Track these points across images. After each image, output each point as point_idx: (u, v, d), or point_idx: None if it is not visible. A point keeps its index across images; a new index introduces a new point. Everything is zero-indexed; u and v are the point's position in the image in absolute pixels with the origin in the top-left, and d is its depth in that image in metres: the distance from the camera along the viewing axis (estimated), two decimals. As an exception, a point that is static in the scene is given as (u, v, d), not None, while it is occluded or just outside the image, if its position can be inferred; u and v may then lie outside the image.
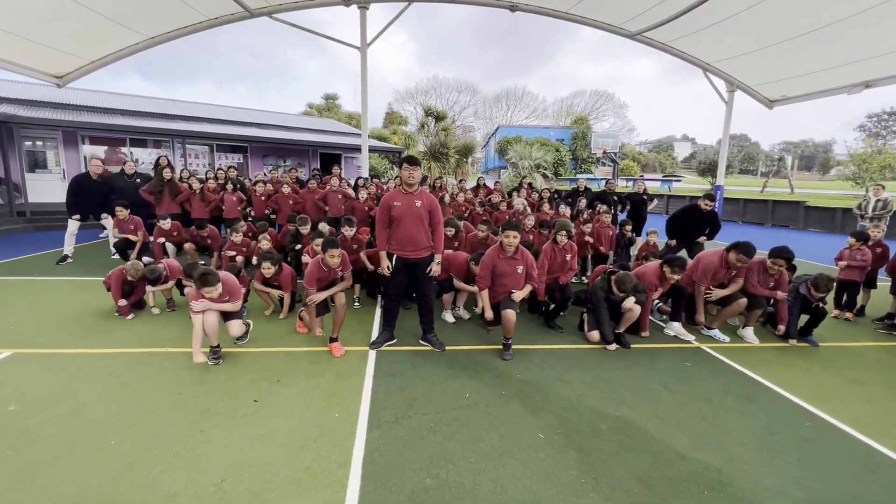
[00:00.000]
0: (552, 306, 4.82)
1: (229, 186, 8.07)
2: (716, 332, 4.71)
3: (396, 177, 10.87)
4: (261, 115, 18.70)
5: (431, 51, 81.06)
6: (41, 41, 11.19)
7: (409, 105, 46.45)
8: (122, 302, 4.50)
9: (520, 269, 4.11)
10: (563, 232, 4.62)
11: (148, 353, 3.80)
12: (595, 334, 4.35)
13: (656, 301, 5.30)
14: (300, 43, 73.12)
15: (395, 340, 4.24)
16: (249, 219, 8.17)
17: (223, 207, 7.88)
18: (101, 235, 9.67)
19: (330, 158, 18.65)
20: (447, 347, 4.14)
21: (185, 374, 3.47)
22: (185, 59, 66.88)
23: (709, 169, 33.01)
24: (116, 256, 6.82)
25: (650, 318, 5.16)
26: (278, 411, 2.98)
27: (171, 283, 4.76)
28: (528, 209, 8.76)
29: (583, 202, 8.97)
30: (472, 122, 55.73)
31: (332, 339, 3.97)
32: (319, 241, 4.46)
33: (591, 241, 6.63)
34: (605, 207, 8.42)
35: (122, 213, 6.41)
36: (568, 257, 4.73)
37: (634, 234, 8.72)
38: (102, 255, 7.78)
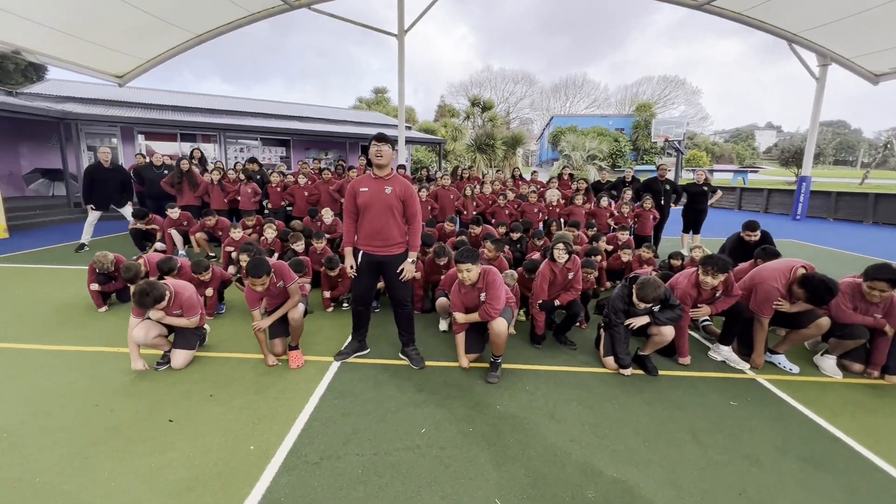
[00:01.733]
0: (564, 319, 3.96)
1: (243, 178, 7.92)
2: (781, 360, 3.62)
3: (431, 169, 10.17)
4: (304, 108, 18.95)
5: (492, 42, 79.12)
6: (99, 42, 11.80)
7: (462, 98, 45.80)
8: (94, 286, 4.30)
9: (482, 295, 3.29)
10: (561, 246, 3.69)
11: (99, 353, 3.51)
12: (610, 360, 3.46)
13: (705, 319, 4.25)
14: (362, 41, 74.64)
15: (367, 351, 3.65)
16: (266, 210, 8.02)
17: (239, 199, 7.77)
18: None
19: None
20: (429, 363, 3.48)
21: (117, 379, 3.10)
22: (260, 62, 71.16)
23: (793, 158, 29.00)
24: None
25: (693, 335, 4.17)
26: (187, 437, 2.49)
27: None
28: (563, 202, 7.82)
29: (628, 193, 7.83)
30: (529, 114, 54.00)
31: (292, 347, 3.45)
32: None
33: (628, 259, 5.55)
34: (650, 201, 7.29)
35: (172, 212, 6.56)
36: (570, 275, 3.79)
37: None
38: (123, 244, 7.95)
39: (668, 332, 3.33)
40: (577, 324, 3.98)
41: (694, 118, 55.84)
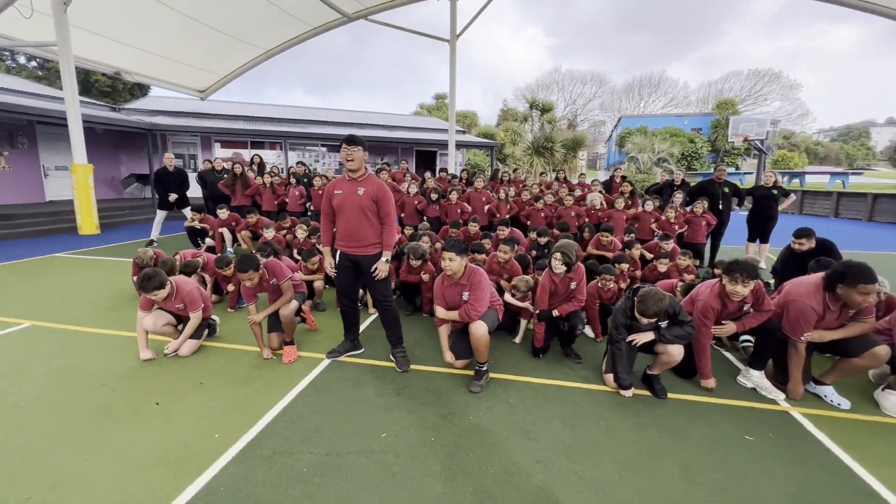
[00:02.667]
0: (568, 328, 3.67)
1: (293, 181, 8.40)
2: (828, 392, 3.05)
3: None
4: (362, 115, 19.75)
5: (565, 43, 76.40)
6: (184, 61, 13.23)
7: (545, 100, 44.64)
8: (136, 278, 4.78)
9: (465, 295, 3.11)
10: (558, 256, 3.39)
11: (126, 338, 3.85)
12: (610, 377, 3.14)
13: (745, 340, 3.73)
14: (435, 48, 76.20)
15: (360, 351, 3.66)
16: (309, 213, 8.43)
17: (287, 201, 8.25)
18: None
19: (427, 155, 18.84)
20: (418, 367, 3.41)
21: (130, 363, 3.39)
22: (339, 73, 75.41)
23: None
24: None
25: (728, 356, 3.68)
26: (165, 420, 2.65)
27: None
28: (605, 205, 7.34)
29: (678, 197, 7.15)
30: (599, 115, 51.72)
31: (287, 343, 3.56)
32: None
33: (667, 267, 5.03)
34: (701, 205, 6.59)
35: (221, 212, 7.17)
36: (573, 285, 3.48)
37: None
38: (185, 241, 8.76)
39: (675, 351, 2.94)
40: (585, 335, 3.64)
41: (791, 115, 50.03)
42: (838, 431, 2.68)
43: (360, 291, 3.77)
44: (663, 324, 2.99)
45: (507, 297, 3.89)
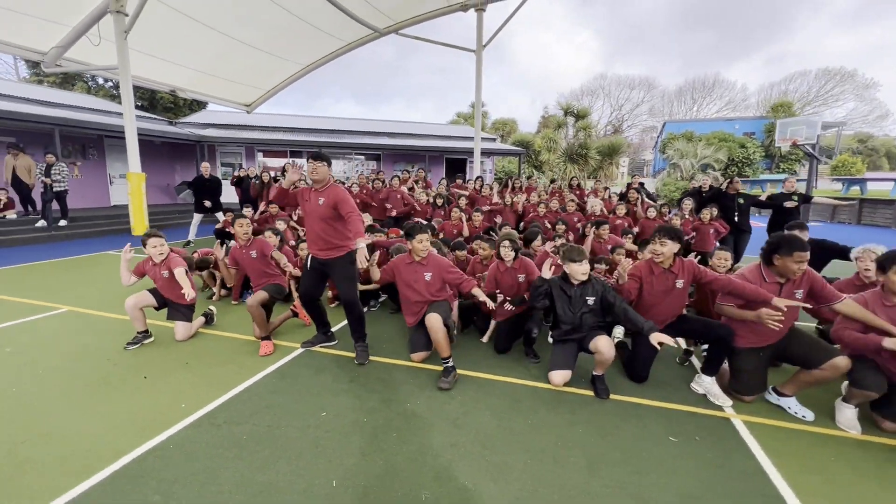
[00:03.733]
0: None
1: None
2: (791, 403, 2.97)
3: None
4: (394, 125, 20.43)
5: (616, 46, 73.91)
6: (230, 78, 14.43)
7: (574, 106, 44.06)
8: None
9: (428, 276, 3.34)
10: (507, 243, 3.53)
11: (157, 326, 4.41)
12: (553, 374, 3.24)
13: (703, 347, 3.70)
14: (488, 56, 76.98)
15: (334, 343, 3.97)
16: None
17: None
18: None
19: (456, 163, 19.17)
20: (381, 359, 3.67)
21: (144, 346, 3.90)
22: (386, 84, 77.72)
23: None
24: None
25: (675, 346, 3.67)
26: (146, 391, 3.08)
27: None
28: (605, 211, 7.28)
29: (687, 205, 6.97)
30: (647, 121, 50.00)
31: (263, 338, 3.90)
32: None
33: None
34: (709, 212, 6.40)
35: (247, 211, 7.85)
36: (520, 278, 3.61)
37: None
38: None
39: (604, 348, 3.01)
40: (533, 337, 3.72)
41: (868, 117, 45.88)
42: (773, 440, 2.64)
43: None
44: (591, 301, 3.14)
45: (475, 289, 4.06)
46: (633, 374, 3.37)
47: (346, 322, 3.80)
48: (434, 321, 3.28)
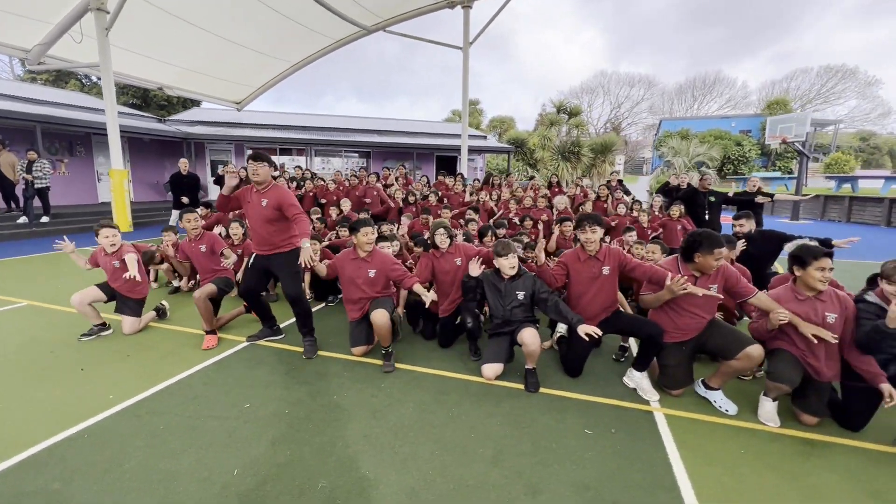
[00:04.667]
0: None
1: (292, 184, 9.03)
2: (717, 396, 2.98)
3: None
4: (384, 122, 20.46)
5: (623, 44, 73.40)
6: (219, 76, 14.47)
7: (573, 104, 43.81)
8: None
9: (372, 272, 3.37)
10: (441, 230, 3.56)
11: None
12: (486, 367, 3.26)
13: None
14: (483, 55, 76.30)
15: (280, 337, 4.01)
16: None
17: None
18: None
19: (447, 160, 19.18)
20: (327, 354, 3.70)
21: (91, 339, 3.94)
22: (390, 82, 77.31)
23: None
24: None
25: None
26: (78, 383, 3.13)
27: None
28: (568, 208, 7.29)
29: (657, 201, 6.99)
30: (647, 118, 49.81)
31: (208, 332, 3.91)
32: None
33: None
34: (678, 209, 6.39)
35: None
36: (457, 262, 3.64)
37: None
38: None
39: (530, 340, 3.04)
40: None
41: (870, 115, 45.51)
42: (688, 433, 2.66)
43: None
44: (521, 295, 3.18)
45: (416, 286, 4.07)
46: (568, 368, 3.39)
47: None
48: (379, 316, 3.30)
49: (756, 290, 2.84)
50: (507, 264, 3.16)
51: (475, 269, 3.30)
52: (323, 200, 8.23)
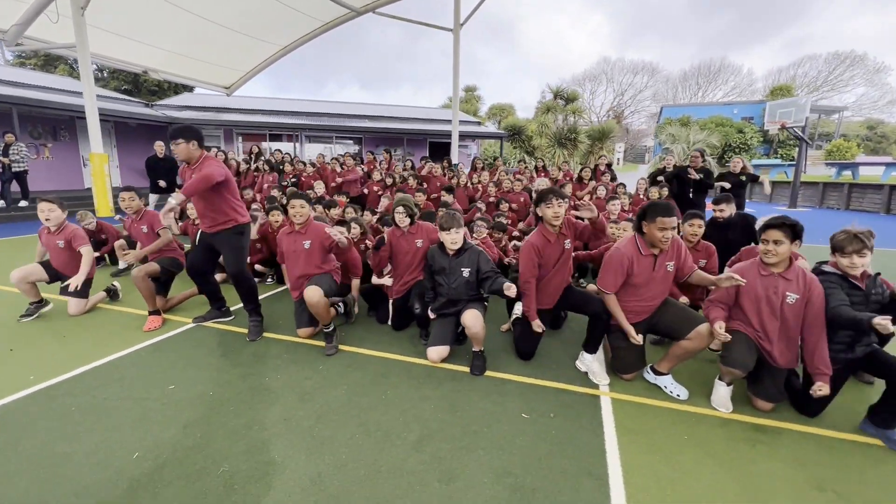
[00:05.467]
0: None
1: (266, 168, 8.85)
2: (666, 382, 2.82)
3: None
4: (376, 108, 20.14)
5: (631, 29, 71.62)
6: (205, 59, 14.20)
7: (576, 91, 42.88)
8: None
9: (306, 243, 3.23)
10: (400, 209, 3.39)
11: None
12: (430, 351, 3.10)
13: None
14: (489, 41, 74.74)
15: (230, 318, 3.87)
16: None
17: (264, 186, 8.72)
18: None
19: (440, 146, 18.88)
20: (272, 335, 3.56)
21: (42, 320, 3.83)
22: (393, 70, 75.99)
23: None
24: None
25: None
26: (3, 363, 3.00)
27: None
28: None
29: (641, 184, 6.79)
30: (650, 106, 49.00)
31: (152, 312, 3.78)
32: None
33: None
34: (657, 191, 6.18)
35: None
36: (418, 243, 3.47)
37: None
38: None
39: (471, 322, 2.88)
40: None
41: (878, 102, 44.58)
42: (632, 418, 2.50)
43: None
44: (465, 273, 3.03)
45: (374, 279, 3.91)
46: (520, 351, 3.23)
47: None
48: (310, 293, 3.15)
49: (696, 267, 2.68)
50: (450, 239, 2.98)
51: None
52: (293, 179, 8.08)
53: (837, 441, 2.34)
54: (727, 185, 6.18)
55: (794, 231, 2.46)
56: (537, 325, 2.98)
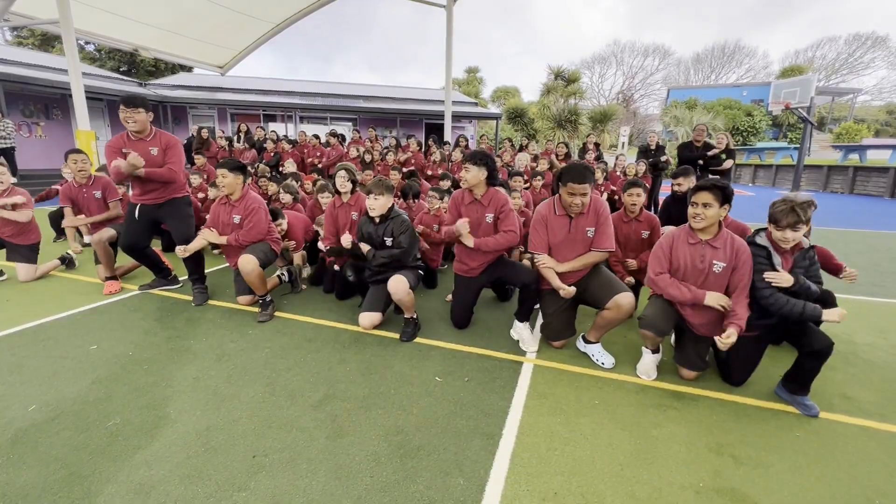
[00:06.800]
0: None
1: (245, 145, 8.81)
2: (595, 350, 2.76)
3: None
4: (371, 88, 19.87)
5: (648, 11, 69.11)
6: (196, 37, 14.06)
7: (584, 74, 41.99)
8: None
9: (236, 218, 3.21)
10: (343, 173, 3.36)
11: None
12: (362, 317, 3.07)
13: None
14: (503, 22, 72.79)
15: (176, 286, 3.87)
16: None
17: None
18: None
19: (436, 127, 18.64)
20: (215, 302, 3.56)
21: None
22: (403, 52, 74.50)
23: None
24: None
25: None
26: (-62, 323, 3.04)
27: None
28: (529, 167, 6.95)
29: (621, 160, 6.63)
30: (661, 90, 47.78)
31: (109, 278, 3.81)
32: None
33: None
34: (634, 166, 6.02)
35: None
36: (353, 215, 3.42)
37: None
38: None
39: (391, 286, 2.84)
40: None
41: (896, 85, 42.89)
42: (546, 384, 2.46)
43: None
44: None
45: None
46: (454, 320, 3.19)
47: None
48: (244, 262, 3.12)
49: (610, 245, 2.67)
50: (368, 204, 2.91)
51: (346, 240, 3.07)
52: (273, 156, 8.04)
53: (755, 409, 2.28)
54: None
55: (724, 194, 2.35)
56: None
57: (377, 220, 2.99)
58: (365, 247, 3.01)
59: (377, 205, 2.90)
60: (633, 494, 1.68)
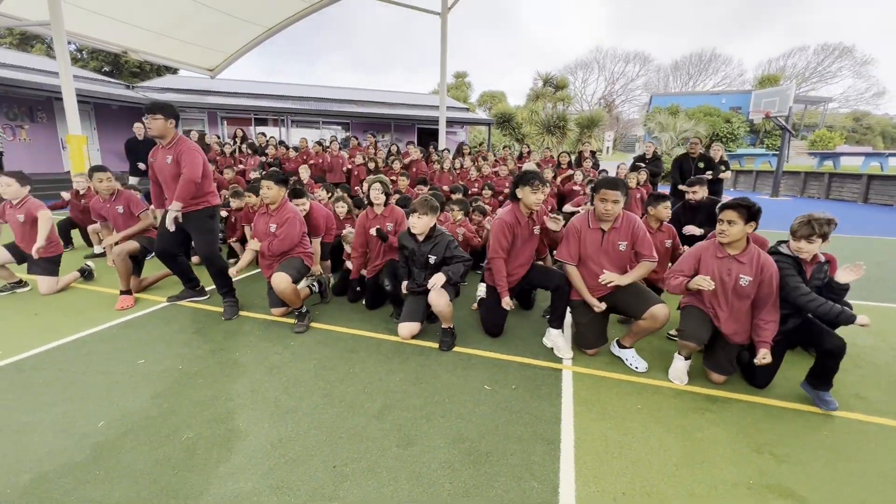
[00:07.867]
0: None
1: (249, 151, 8.77)
2: (629, 355, 2.92)
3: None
4: (363, 92, 19.87)
5: (628, 19, 70.40)
6: (186, 39, 13.85)
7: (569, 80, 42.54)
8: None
9: (273, 227, 3.29)
10: (378, 185, 3.49)
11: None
12: (401, 327, 3.17)
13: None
14: (489, 25, 73.03)
15: (204, 297, 3.89)
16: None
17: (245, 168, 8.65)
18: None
19: (428, 133, 18.77)
20: (250, 315, 3.59)
21: (14, 299, 3.83)
22: (389, 53, 74.11)
23: None
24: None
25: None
26: (-28, 338, 3.01)
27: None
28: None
29: (622, 170, 6.87)
30: (641, 95, 48.99)
31: (123, 292, 3.77)
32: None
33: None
34: (635, 176, 6.25)
35: None
36: (388, 227, 3.53)
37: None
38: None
39: (433, 298, 2.95)
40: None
41: (864, 94, 45.12)
42: (589, 390, 2.60)
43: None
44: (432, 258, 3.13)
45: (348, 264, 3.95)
46: (487, 328, 3.31)
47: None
48: (277, 280, 3.17)
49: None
50: (411, 222, 3.02)
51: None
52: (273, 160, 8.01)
53: (781, 410, 2.46)
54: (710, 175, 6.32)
55: (749, 213, 2.53)
56: (507, 304, 3.04)
57: (420, 237, 3.09)
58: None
59: (420, 224, 3.00)
60: (692, 492, 1.83)
